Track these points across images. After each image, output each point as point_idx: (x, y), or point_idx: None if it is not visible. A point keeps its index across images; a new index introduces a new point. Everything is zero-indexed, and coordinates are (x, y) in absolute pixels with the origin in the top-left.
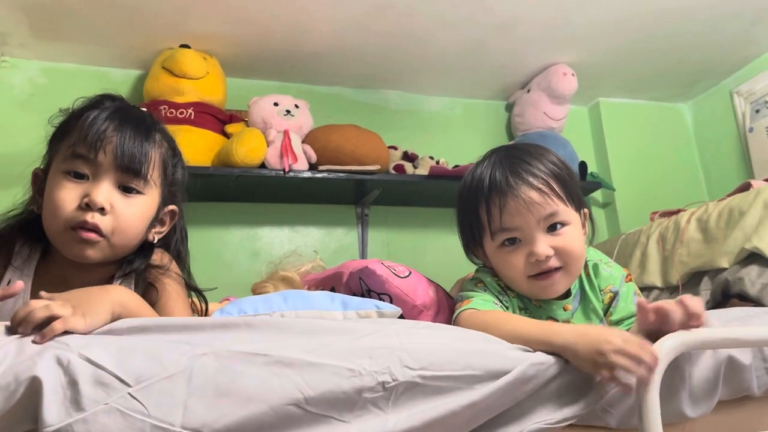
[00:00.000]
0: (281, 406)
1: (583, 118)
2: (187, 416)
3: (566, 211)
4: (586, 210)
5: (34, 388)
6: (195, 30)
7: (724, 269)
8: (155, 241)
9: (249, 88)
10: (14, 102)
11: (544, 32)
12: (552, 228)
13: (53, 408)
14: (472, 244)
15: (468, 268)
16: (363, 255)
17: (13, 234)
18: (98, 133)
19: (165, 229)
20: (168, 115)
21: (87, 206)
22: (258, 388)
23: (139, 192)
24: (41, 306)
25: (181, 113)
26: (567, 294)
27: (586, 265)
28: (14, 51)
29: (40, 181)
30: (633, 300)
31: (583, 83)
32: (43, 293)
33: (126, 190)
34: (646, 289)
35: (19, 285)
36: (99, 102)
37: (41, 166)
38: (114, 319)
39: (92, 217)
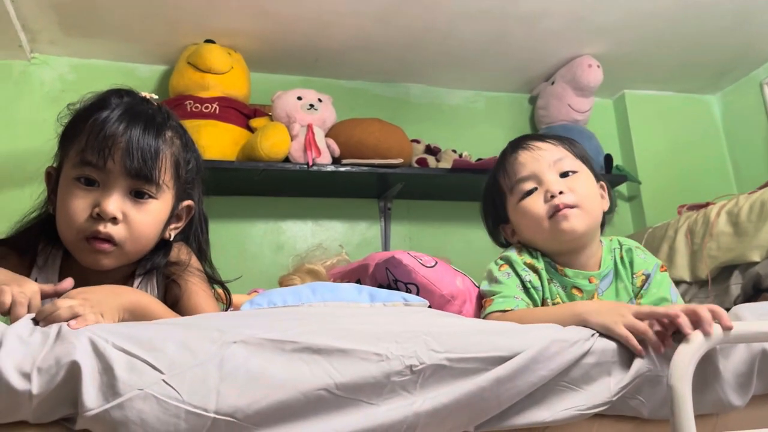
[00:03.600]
0: (311, 391)
1: (608, 110)
2: (220, 402)
3: (576, 163)
4: (602, 182)
5: (73, 373)
6: (220, 25)
7: (756, 263)
8: (171, 238)
9: (272, 83)
10: (45, 98)
11: (570, 24)
12: (564, 175)
13: (92, 393)
14: (496, 218)
15: (489, 261)
16: (386, 248)
17: (35, 234)
18: (106, 138)
19: (181, 224)
20: (193, 109)
21: (99, 216)
22: (288, 374)
23: (151, 197)
24: (66, 306)
25: (206, 108)
26: (596, 268)
27: (621, 248)
28: (44, 48)
29: (53, 180)
30: (670, 290)
31: (608, 75)
32: (65, 284)
33: (138, 195)
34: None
35: (69, 282)
36: (106, 101)
37: (53, 165)
38: (122, 321)
39: (105, 227)
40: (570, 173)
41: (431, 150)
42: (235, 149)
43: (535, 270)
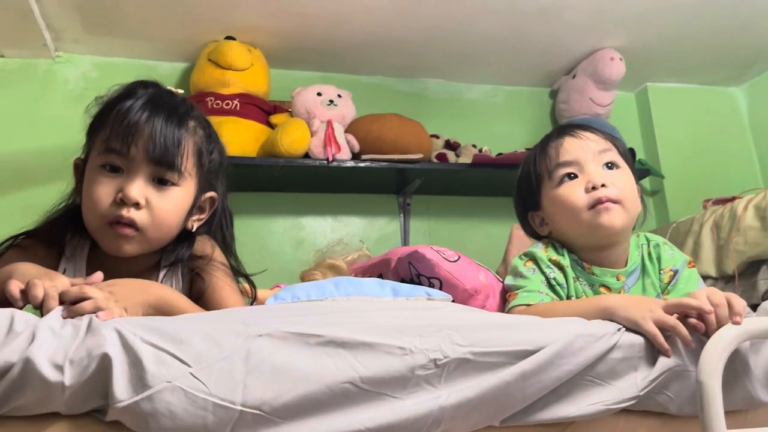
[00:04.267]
0: (336, 384)
1: (630, 103)
2: (246, 394)
3: (620, 159)
4: (638, 187)
5: (104, 365)
6: (240, 22)
7: None
8: (194, 229)
9: (292, 79)
10: (69, 96)
11: (591, 16)
12: (607, 167)
13: (122, 385)
14: (528, 204)
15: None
16: (405, 244)
17: (63, 225)
18: (129, 126)
19: (205, 216)
20: (214, 106)
21: (122, 201)
22: (313, 367)
23: (174, 184)
24: (90, 299)
25: (227, 104)
26: (623, 265)
27: (648, 243)
28: (68, 46)
29: (80, 171)
30: (698, 286)
31: (630, 68)
32: (95, 277)
33: (161, 182)
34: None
35: (99, 275)
36: (132, 91)
37: (81, 156)
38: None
39: (128, 212)
40: (614, 166)
41: (451, 145)
42: (255, 145)
43: (560, 267)
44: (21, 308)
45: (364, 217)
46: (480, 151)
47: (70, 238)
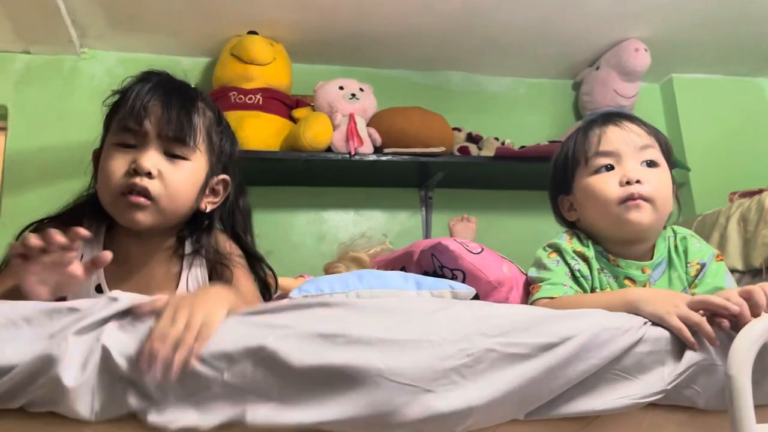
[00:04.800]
0: (366, 381)
1: (654, 95)
2: (278, 397)
3: (660, 157)
4: (675, 185)
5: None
6: (262, 16)
7: None
8: (207, 210)
9: (313, 73)
10: (95, 92)
11: (615, 6)
12: (646, 164)
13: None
14: (559, 187)
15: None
16: (426, 238)
17: (80, 212)
18: (142, 104)
19: (219, 199)
20: (237, 101)
21: (135, 172)
22: (342, 367)
23: (185, 158)
24: (162, 343)
25: (250, 99)
26: (649, 258)
27: (675, 236)
28: (93, 43)
29: (98, 159)
30: (725, 279)
31: (655, 58)
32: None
33: (172, 157)
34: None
35: (108, 255)
36: (144, 77)
37: (98, 146)
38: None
39: (141, 180)
40: (652, 164)
41: (473, 138)
42: (278, 140)
43: (585, 259)
44: None
45: (386, 211)
46: (502, 144)
47: (87, 225)
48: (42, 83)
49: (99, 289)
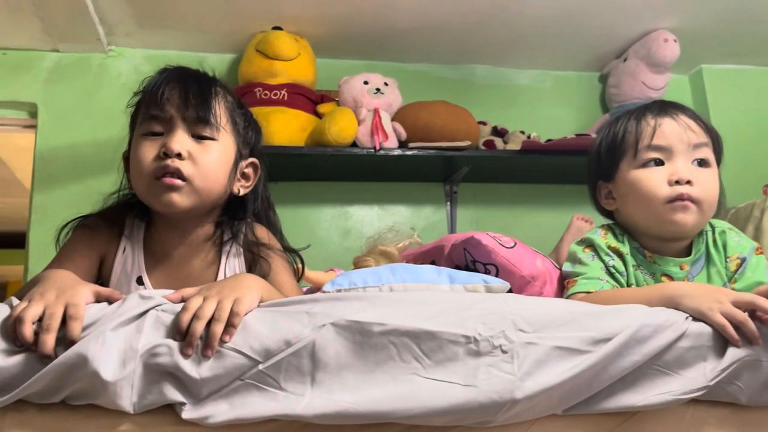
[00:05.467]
0: (402, 375)
1: (683, 86)
2: (315, 388)
3: (712, 156)
4: (721, 186)
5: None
6: (286, 12)
7: None
8: (240, 193)
9: (338, 68)
10: (122, 89)
11: None
12: (698, 163)
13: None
14: (601, 172)
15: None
16: (452, 233)
17: (123, 208)
18: (162, 91)
19: (251, 183)
20: (262, 96)
21: (165, 155)
22: (376, 359)
23: (211, 138)
24: (197, 321)
25: (275, 95)
26: (687, 254)
27: (714, 230)
28: (120, 41)
29: (128, 161)
30: (766, 273)
31: (684, 49)
32: (185, 291)
33: (199, 138)
34: None
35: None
36: (161, 71)
37: (127, 149)
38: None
39: (172, 162)
40: (704, 164)
41: (498, 132)
42: (303, 135)
43: (620, 254)
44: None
45: (411, 206)
46: (528, 137)
47: (129, 220)
48: (71, 81)
49: (140, 281)
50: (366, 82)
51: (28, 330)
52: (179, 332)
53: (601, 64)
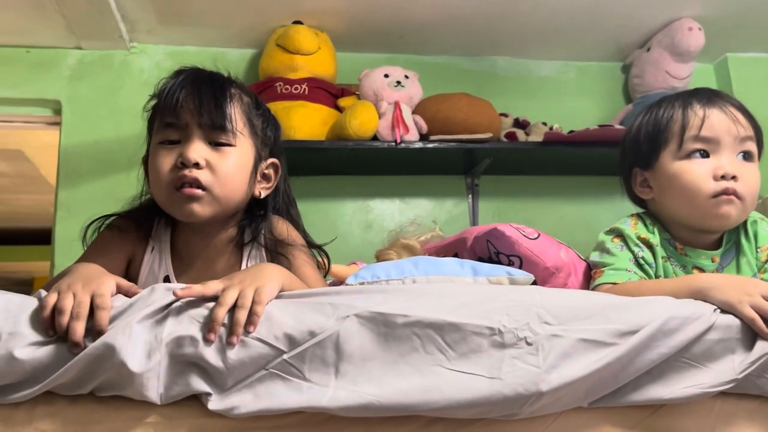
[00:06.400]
0: (427, 367)
1: (708, 76)
2: (339, 380)
3: (755, 150)
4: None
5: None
6: (307, 6)
7: None
8: (261, 196)
9: (358, 62)
10: (144, 85)
11: None
12: (743, 156)
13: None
14: (637, 159)
15: (582, 238)
16: (474, 225)
17: (152, 210)
18: (177, 98)
19: (272, 184)
20: (283, 91)
21: (183, 165)
22: (400, 350)
23: (229, 144)
24: (219, 308)
25: (296, 89)
26: (717, 245)
27: (745, 220)
28: (142, 37)
29: (147, 164)
30: None
31: (709, 38)
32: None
33: (216, 145)
34: None
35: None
36: (175, 74)
37: (146, 153)
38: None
39: (190, 172)
40: (748, 157)
41: (520, 123)
42: (324, 129)
43: (650, 246)
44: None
45: (432, 199)
46: (551, 129)
47: (158, 221)
48: (93, 78)
49: (167, 280)
50: (386, 75)
51: (65, 320)
52: (205, 320)
53: (624, 54)
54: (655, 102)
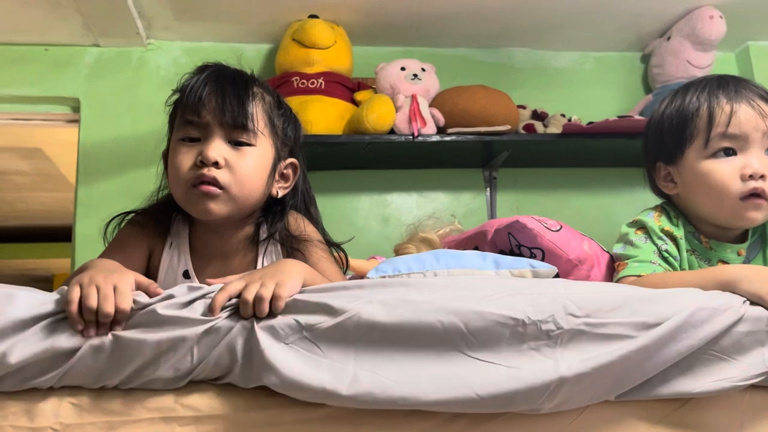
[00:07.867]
0: (446, 352)
1: (730, 64)
2: (358, 360)
3: None
4: None
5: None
6: (322, 0)
7: None
8: (279, 196)
9: (374, 55)
10: (162, 82)
11: None
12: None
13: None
14: (661, 153)
15: (602, 231)
16: (492, 218)
17: (170, 207)
18: (199, 96)
19: (290, 183)
20: (300, 86)
21: (202, 163)
22: (423, 333)
23: (249, 144)
24: (243, 306)
25: (312, 83)
26: (743, 238)
27: None
28: (159, 34)
29: (167, 159)
30: None
31: (730, 26)
32: (228, 279)
33: (237, 144)
34: None
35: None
36: (198, 70)
37: (166, 147)
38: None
39: (208, 171)
40: None
41: (538, 115)
42: (341, 123)
43: (673, 238)
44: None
45: (450, 192)
46: (569, 120)
47: (176, 218)
48: (111, 75)
49: (186, 275)
50: (403, 68)
51: (92, 310)
52: (210, 309)
53: (643, 43)
54: (681, 88)
